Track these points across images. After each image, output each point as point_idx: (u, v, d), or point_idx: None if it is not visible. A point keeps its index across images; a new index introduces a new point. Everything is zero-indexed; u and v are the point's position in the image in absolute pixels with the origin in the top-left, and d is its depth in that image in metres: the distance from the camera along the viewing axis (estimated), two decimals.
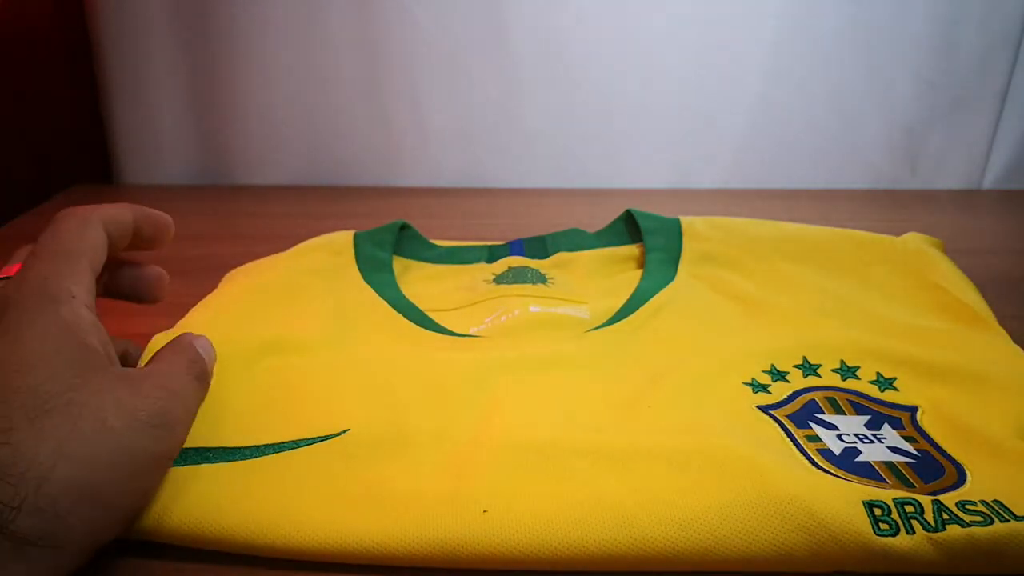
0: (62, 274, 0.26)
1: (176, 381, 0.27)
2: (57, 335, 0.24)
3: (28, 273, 0.26)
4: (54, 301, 0.25)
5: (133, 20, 0.67)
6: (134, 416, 0.24)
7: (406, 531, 0.26)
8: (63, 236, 0.28)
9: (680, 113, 0.69)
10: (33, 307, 0.25)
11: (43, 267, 0.27)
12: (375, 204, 0.67)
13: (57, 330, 0.25)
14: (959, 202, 0.68)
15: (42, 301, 0.25)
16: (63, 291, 0.26)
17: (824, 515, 0.25)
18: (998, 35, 0.65)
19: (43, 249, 0.28)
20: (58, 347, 0.24)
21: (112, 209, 0.31)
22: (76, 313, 0.26)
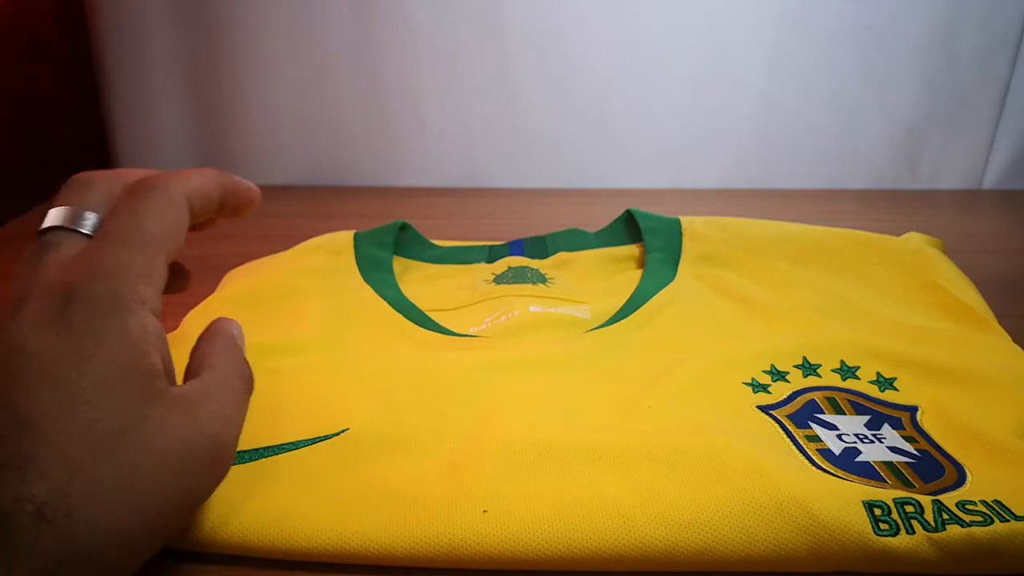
0: (136, 271, 0.24)
1: (230, 402, 0.25)
2: (124, 356, 0.23)
3: (100, 260, 0.24)
4: (124, 307, 0.23)
5: (133, 20, 0.67)
6: (189, 455, 0.23)
7: (406, 531, 0.26)
8: (144, 216, 0.25)
9: (680, 113, 0.69)
10: (102, 312, 0.23)
11: (116, 256, 0.24)
12: (375, 204, 0.67)
13: (124, 349, 0.23)
14: (959, 202, 0.68)
15: (112, 307, 0.23)
16: (134, 296, 0.24)
17: (824, 515, 0.25)
18: (998, 36, 0.65)
19: (119, 228, 0.25)
20: (123, 372, 0.23)
21: (199, 182, 0.28)
22: (143, 325, 0.24)
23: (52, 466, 0.20)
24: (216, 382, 0.26)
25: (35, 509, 0.20)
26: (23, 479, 0.20)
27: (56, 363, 0.22)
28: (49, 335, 0.22)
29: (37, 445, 0.21)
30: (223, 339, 0.28)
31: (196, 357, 0.27)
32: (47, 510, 0.20)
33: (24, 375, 0.22)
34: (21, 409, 0.21)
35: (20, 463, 0.20)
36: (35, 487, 0.20)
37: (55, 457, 0.21)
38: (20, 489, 0.20)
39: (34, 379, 0.22)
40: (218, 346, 0.28)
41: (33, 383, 0.22)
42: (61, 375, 0.22)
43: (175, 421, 0.23)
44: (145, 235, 0.25)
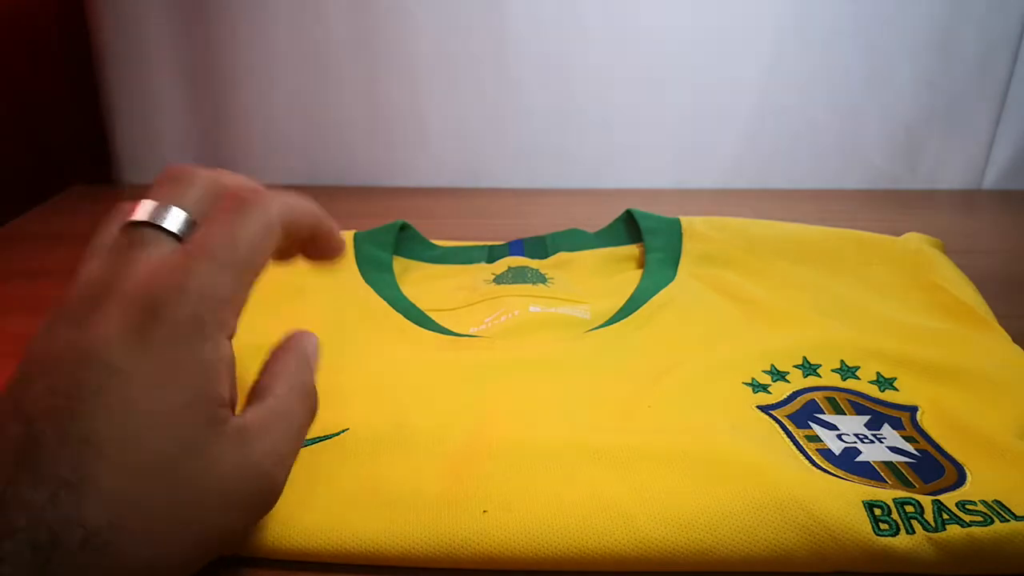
0: (223, 295, 0.23)
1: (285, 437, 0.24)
2: (195, 385, 0.22)
3: (190, 279, 0.23)
4: (203, 333, 0.23)
5: (133, 20, 0.67)
6: (237, 491, 0.23)
7: (406, 531, 0.26)
8: (241, 236, 0.24)
9: (680, 113, 0.69)
10: (183, 337, 0.22)
11: (207, 276, 0.23)
12: (375, 204, 0.67)
13: (197, 378, 0.22)
14: (959, 202, 0.68)
15: (193, 332, 0.23)
16: (216, 321, 0.23)
17: (824, 515, 0.25)
18: (998, 35, 0.65)
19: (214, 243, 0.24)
20: (191, 401, 0.22)
21: (298, 211, 0.27)
22: (218, 351, 0.23)
23: (107, 492, 0.20)
24: (276, 413, 0.25)
25: (83, 536, 0.19)
26: (78, 502, 0.20)
27: (130, 384, 0.21)
28: (128, 352, 0.22)
29: (97, 466, 0.20)
30: (296, 359, 0.27)
31: (265, 377, 0.26)
32: (94, 538, 0.20)
33: (97, 389, 0.21)
34: (87, 423, 0.21)
35: (78, 482, 0.20)
36: (88, 511, 0.20)
37: (112, 482, 0.20)
38: (72, 511, 0.19)
39: (106, 396, 0.21)
40: (288, 367, 0.27)
41: (104, 400, 0.21)
42: (133, 397, 0.21)
43: (230, 455, 0.22)
44: (238, 256, 0.24)
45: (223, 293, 0.23)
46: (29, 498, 0.19)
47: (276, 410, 0.25)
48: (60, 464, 0.20)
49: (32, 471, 0.20)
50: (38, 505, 0.19)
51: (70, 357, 0.22)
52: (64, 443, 0.20)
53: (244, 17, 0.67)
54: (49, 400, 0.21)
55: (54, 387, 0.21)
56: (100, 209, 0.29)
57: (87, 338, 0.22)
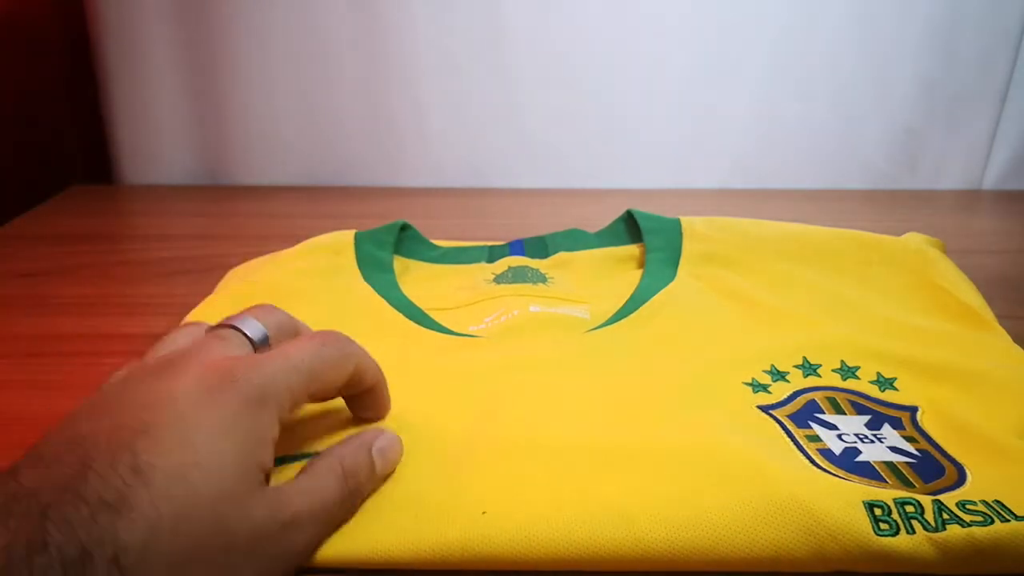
0: (290, 386, 0.26)
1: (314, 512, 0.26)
2: (245, 445, 0.24)
3: (267, 363, 0.26)
4: (264, 404, 0.25)
5: (133, 20, 0.67)
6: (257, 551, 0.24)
7: (405, 533, 0.26)
8: (319, 356, 0.28)
9: (680, 113, 0.69)
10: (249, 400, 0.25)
11: (281, 367, 0.27)
12: (375, 204, 0.67)
13: (248, 440, 0.25)
14: (959, 202, 0.68)
15: (256, 400, 0.25)
16: (277, 399, 0.26)
17: (824, 515, 0.25)
18: (998, 35, 0.65)
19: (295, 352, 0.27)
20: (239, 457, 0.24)
21: (369, 361, 0.31)
22: (271, 426, 0.26)
23: (145, 516, 0.21)
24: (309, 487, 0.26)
25: (113, 554, 0.20)
26: (114, 522, 0.20)
27: (193, 429, 0.23)
28: (195, 405, 0.24)
29: (141, 493, 0.21)
30: (355, 444, 0.28)
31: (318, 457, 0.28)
32: (124, 558, 0.20)
33: (159, 426, 0.23)
34: (141, 455, 0.22)
35: (119, 505, 0.21)
36: (122, 531, 0.20)
37: (151, 509, 0.21)
38: (107, 531, 0.20)
39: (169, 434, 0.23)
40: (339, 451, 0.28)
41: (166, 436, 0.23)
42: (192, 440, 0.23)
43: (259, 513, 0.24)
44: (311, 369, 0.27)
45: (290, 384, 0.26)
46: (68, 517, 0.20)
47: (306, 485, 0.26)
48: (105, 488, 0.21)
49: (76, 493, 0.21)
50: (75, 523, 0.20)
51: (142, 401, 0.24)
52: (114, 470, 0.21)
53: (244, 17, 0.67)
54: (111, 434, 0.23)
55: (119, 424, 0.23)
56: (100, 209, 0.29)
57: (163, 387, 0.25)
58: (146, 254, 0.57)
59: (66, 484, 0.21)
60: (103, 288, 0.50)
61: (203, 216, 0.65)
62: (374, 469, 0.28)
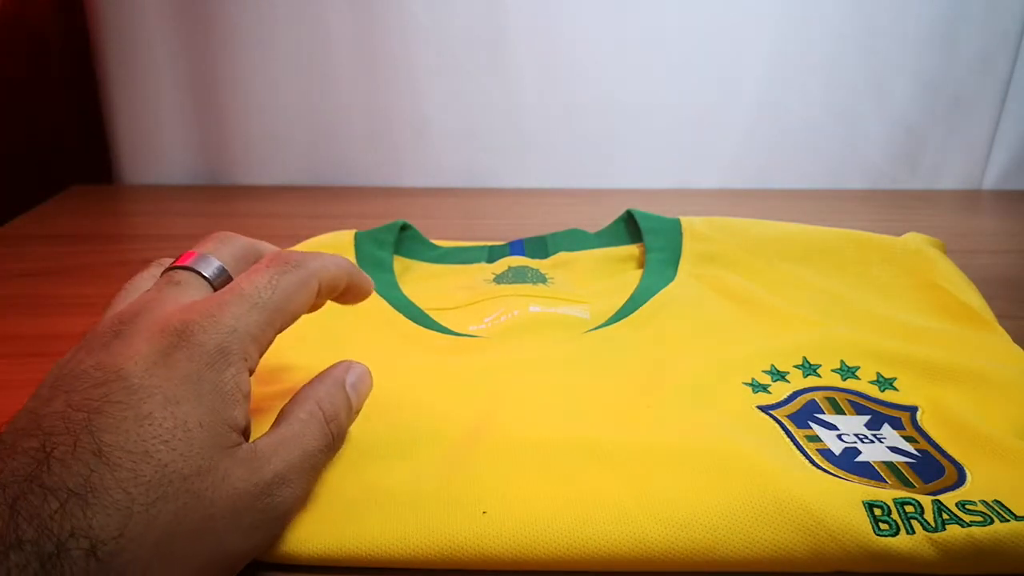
0: (251, 331, 0.25)
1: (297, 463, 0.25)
2: (210, 406, 0.23)
3: (223, 312, 0.25)
4: (226, 361, 0.24)
5: (133, 20, 0.67)
6: (243, 511, 0.23)
7: (405, 532, 0.26)
8: (278, 286, 0.26)
9: (680, 113, 0.69)
10: (206, 361, 0.24)
11: (239, 312, 0.25)
12: (375, 204, 0.67)
13: (212, 400, 0.23)
14: (959, 202, 0.68)
15: (217, 358, 0.24)
16: (240, 352, 0.24)
17: (824, 515, 0.25)
18: (998, 35, 0.65)
19: (251, 288, 0.26)
20: (204, 420, 0.23)
21: (334, 271, 0.29)
22: (237, 381, 0.24)
23: (115, 503, 0.20)
24: (287, 438, 0.25)
25: (90, 545, 0.20)
26: (85, 512, 0.20)
27: (149, 399, 0.22)
28: (149, 371, 0.23)
29: (107, 476, 0.20)
30: (327, 386, 0.28)
31: (290, 403, 0.27)
32: (101, 549, 0.20)
33: (114, 403, 0.22)
34: (101, 435, 0.21)
35: (87, 494, 0.20)
36: (95, 522, 0.20)
37: (120, 494, 0.20)
38: (80, 521, 0.20)
39: (122, 410, 0.22)
40: (315, 393, 0.27)
41: (119, 413, 0.22)
42: (149, 412, 0.22)
43: (236, 476, 0.23)
44: (272, 303, 0.26)
45: (251, 330, 0.25)
46: (38, 510, 0.19)
47: (287, 435, 0.25)
48: (70, 476, 0.20)
49: (41, 483, 0.20)
50: (46, 516, 0.19)
51: (92, 376, 0.23)
52: (76, 455, 0.21)
53: (244, 17, 0.67)
54: (66, 415, 0.22)
55: (72, 403, 0.22)
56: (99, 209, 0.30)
57: (111, 359, 0.23)
58: (146, 254, 0.57)
59: (30, 474, 0.20)
60: (103, 288, 0.50)
61: (203, 216, 0.65)
62: (351, 407, 0.27)
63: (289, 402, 0.27)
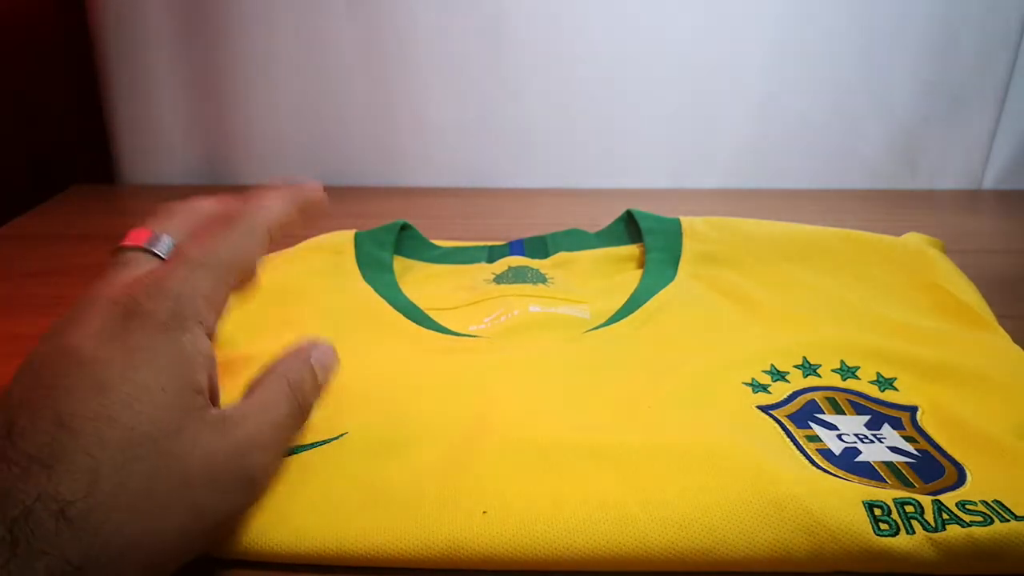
0: (202, 292, 0.25)
1: (268, 429, 0.25)
2: (170, 370, 0.23)
3: (169, 278, 0.25)
4: (181, 326, 0.24)
5: (134, 20, 0.67)
6: (217, 474, 0.23)
7: (406, 533, 0.26)
8: (222, 244, 0.26)
9: (680, 113, 0.69)
10: (160, 326, 0.24)
11: (186, 276, 0.25)
12: (375, 204, 0.67)
13: (172, 364, 0.23)
14: (959, 202, 0.68)
15: (170, 323, 0.24)
16: (194, 314, 0.24)
17: (824, 515, 0.25)
18: (998, 35, 0.65)
19: (195, 251, 0.26)
20: (166, 384, 0.23)
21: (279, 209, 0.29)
22: (196, 345, 0.24)
23: (80, 466, 0.20)
24: (257, 404, 0.26)
25: (58, 508, 0.20)
26: (50, 476, 0.20)
27: (105, 369, 0.22)
28: (104, 342, 0.23)
29: (69, 442, 0.21)
30: (295, 360, 0.28)
31: (259, 374, 0.27)
32: (70, 509, 0.20)
33: (71, 376, 0.22)
34: (61, 405, 0.21)
35: (50, 459, 0.20)
36: (61, 485, 0.20)
37: (85, 457, 0.21)
38: (46, 486, 0.20)
39: (80, 381, 0.22)
40: (283, 365, 0.27)
41: (77, 384, 0.22)
42: (107, 380, 0.22)
43: (208, 439, 0.23)
44: (219, 260, 0.26)
45: (203, 291, 0.25)
46: (2, 479, 0.20)
47: (257, 401, 0.26)
48: (30, 445, 0.21)
49: (4, 456, 0.20)
50: (8, 483, 0.20)
51: (51, 356, 0.23)
52: (36, 427, 0.21)
53: (244, 18, 0.67)
54: (28, 392, 0.22)
55: (35, 382, 0.22)
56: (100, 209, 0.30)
57: (63, 340, 0.23)
58: None
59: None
60: None
61: None
62: (316, 381, 0.28)
63: (256, 376, 0.27)
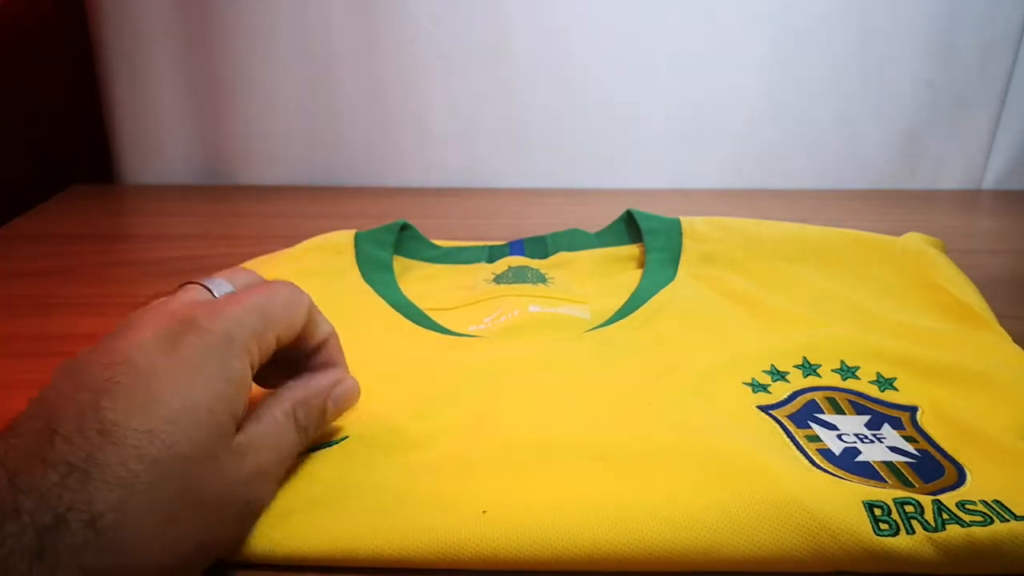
0: (253, 328, 0.26)
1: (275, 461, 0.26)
2: (218, 392, 0.24)
3: (227, 309, 0.26)
4: (232, 350, 0.25)
5: (134, 20, 0.67)
6: (226, 505, 0.24)
7: (406, 533, 0.26)
8: (276, 298, 0.28)
9: (680, 113, 0.69)
10: (213, 347, 0.24)
11: (242, 311, 0.26)
12: (375, 204, 0.67)
13: (221, 386, 0.24)
14: (959, 202, 0.68)
15: (223, 344, 0.25)
16: (244, 344, 0.25)
17: (824, 515, 0.25)
18: (998, 35, 0.65)
19: (251, 296, 0.27)
20: (211, 406, 0.23)
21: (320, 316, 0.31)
22: (243, 372, 0.25)
23: (117, 478, 0.21)
24: (268, 437, 0.26)
25: (89, 518, 0.20)
26: (85, 485, 0.20)
27: (158, 381, 0.23)
28: (159, 353, 0.24)
29: (111, 454, 0.21)
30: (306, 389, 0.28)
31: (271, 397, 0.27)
32: (99, 521, 0.20)
33: (122, 384, 0.22)
34: (106, 413, 0.22)
35: (88, 467, 0.21)
36: (96, 496, 0.20)
37: (122, 470, 0.21)
38: (80, 495, 0.20)
39: (130, 390, 0.22)
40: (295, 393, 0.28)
41: (126, 393, 0.22)
42: (158, 393, 0.23)
43: (228, 467, 0.24)
44: (271, 309, 0.27)
45: (254, 328, 0.26)
46: (37, 483, 0.20)
47: (265, 432, 0.26)
48: (72, 452, 0.21)
49: (42, 459, 0.20)
50: (45, 488, 0.20)
51: (101, 360, 0.23)
52: (81, 433, 0.21)
53: (244, 18, 0.67)
54: (74, 396, 0.22)
55: (81, 385, 0.22)
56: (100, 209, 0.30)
57: (123, 344, 0.24)
58: (146, 254, 0.57)
59: (32, 451, 0.21)
60: (103, 288, 0.50)
61: (203, 216, 0.65)
62: (325, 417, 0.28)
63: (269, 396, 0.27)
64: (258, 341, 0.26)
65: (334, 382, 0.29)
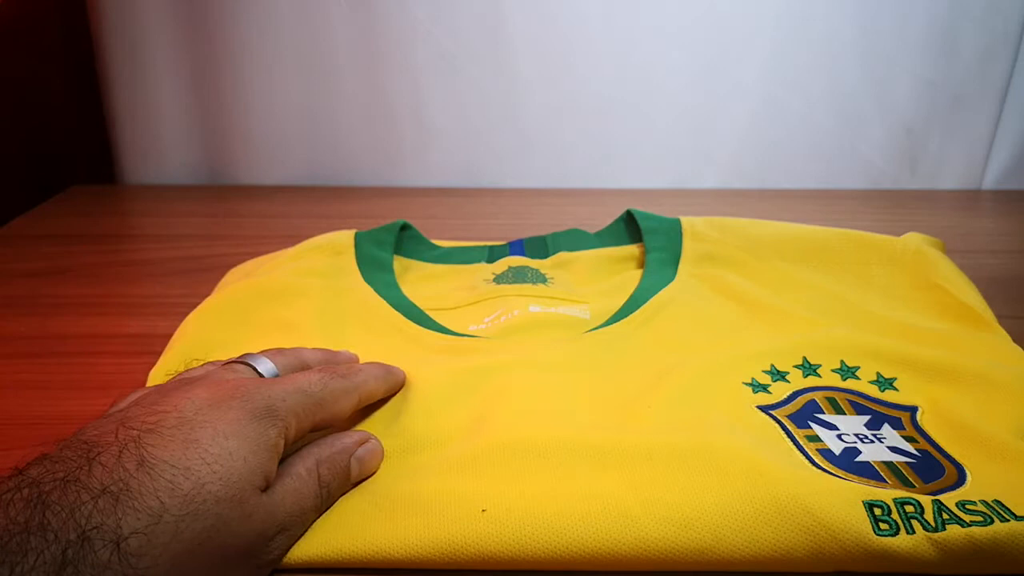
0: (296, 408, 0.27)
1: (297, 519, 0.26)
2: (254, 447, 0.25)
3: (276, 386, 0.28)
4: (272, 421, 0.26)
5: (134, 20, 0.67)
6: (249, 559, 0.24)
7: (405, 532, 0.26)
8: (328, 387, 0.29)
9: (680, 113, 0.69)
10: (256, 413, 0.26)
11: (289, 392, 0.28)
12: (375, 204, 0.67)
13: (257, 443, 0.25)
14: (959, 202, 0.68)
15: (264, 414, 0.26)
16: (283, 419, 0.27)
17: (824, 515, 0.25)
18: (998, 35, 0.65)
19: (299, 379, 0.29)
20: (248, 457, 0.24)
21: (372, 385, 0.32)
22: (278, 440, 0.26)
23: (148, 506, 0.21)
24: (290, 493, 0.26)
25: (114, 539, 0.21)
26: (115, 508, 0.21)
27: (200, 429, 0.24)
28: (204, 410, 0.25)
29: (145, 482, 0.22)
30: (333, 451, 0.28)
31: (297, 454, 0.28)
32: (124, 544, 0.21)
33: (167, 426, 0.24)
34: (147, 448, 0.23)
35: (120, 492, 0.21)
36: (124, 519, 0.21)
37: (154, 500, 0.22)
38: (109, 516, 0.21)
39: (173, 432, 0.24)
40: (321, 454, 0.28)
41: (169, 434, 0.24)
42: (199, 438, 0.24)
43: (259, 517, 0.24)
44: (318, 396, 0.28)
45: (296, 407, 0.27)
46: (69, 504, 0.21)
47: (289, 489, 0.26)
48: (108, 477, 0.22)
49: (79, 482, 0.21)
50: (75, 509, 0.21)
51: (151, 408, 0.25)
52: (119, 462, 0.22)
53: (244, 18, 0.67)
54: (117, 432, 0.23)
55: (126, 423, 0.24)
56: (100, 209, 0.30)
57: (172, 399, 0.26)
58: (146, 254, 0.57)
59: (70, 475, 0.21)
60: (103, 288, 0.50)
61: (203, 216, 0.65)
62: (349, 477, 0.28)
63: (295, 453, 0.28)
64: (297, 419, 0.27)
65: (358, 441, 0.29)
